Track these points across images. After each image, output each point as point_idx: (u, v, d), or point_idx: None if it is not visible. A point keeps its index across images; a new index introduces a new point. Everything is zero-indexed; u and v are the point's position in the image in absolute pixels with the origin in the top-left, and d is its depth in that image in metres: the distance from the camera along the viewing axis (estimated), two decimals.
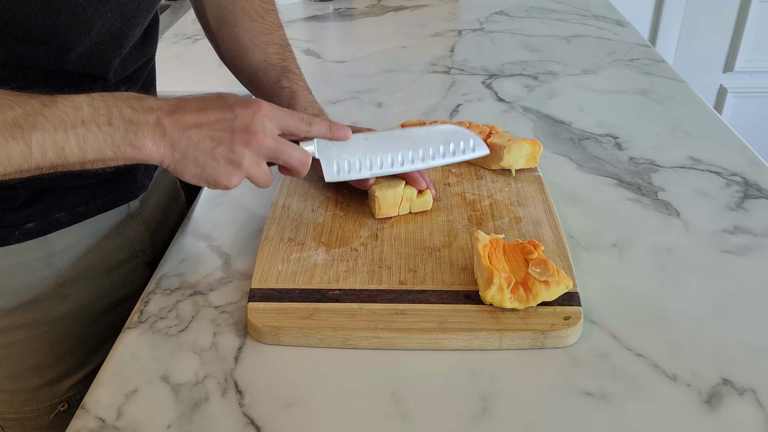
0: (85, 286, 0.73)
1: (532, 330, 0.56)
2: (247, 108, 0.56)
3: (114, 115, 0.52)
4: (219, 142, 0.55)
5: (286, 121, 0.59)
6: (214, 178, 0.56)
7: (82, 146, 0.51)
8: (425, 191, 0.72)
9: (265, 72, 0.79)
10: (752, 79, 2.20)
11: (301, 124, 0.60)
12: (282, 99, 0.77)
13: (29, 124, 0.49)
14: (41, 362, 0.72)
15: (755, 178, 0.81)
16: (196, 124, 0.55)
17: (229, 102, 0.56)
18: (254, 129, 0.56)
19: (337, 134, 0.63)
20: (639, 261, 0.67)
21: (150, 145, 0.53)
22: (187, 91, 1.16)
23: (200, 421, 0.51)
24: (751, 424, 0.50)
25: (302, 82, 0.80)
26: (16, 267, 0.67)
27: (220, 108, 0.56)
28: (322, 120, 0.62)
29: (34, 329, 0.70)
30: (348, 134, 0.64)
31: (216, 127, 0.55)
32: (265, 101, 0.58)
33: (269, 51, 0.80)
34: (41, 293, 0.69)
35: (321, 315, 0.58)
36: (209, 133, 0.55)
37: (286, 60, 0.80)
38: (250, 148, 0.56)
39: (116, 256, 0.76)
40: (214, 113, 0.56)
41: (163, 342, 0.59)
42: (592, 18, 1.48)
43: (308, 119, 0.61)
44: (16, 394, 0.72)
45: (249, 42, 0.79)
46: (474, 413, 0.51)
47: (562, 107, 1.03)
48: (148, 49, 0.73)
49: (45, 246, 0.68)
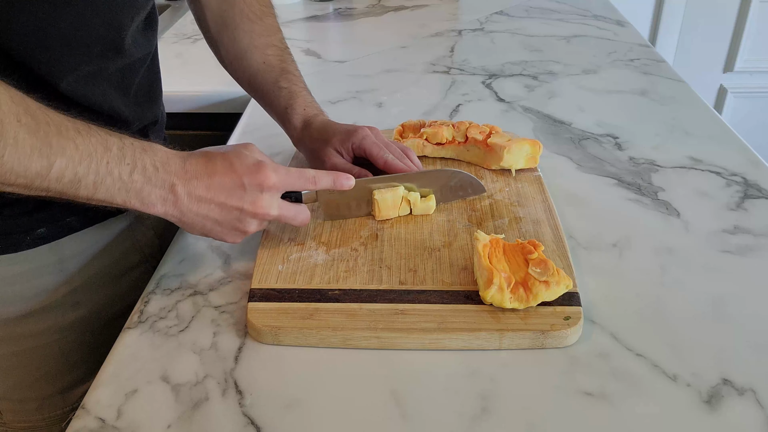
0: (96, 292, 0.72)
1: (532, 330, 0.56)
2: (256, 181, 0.58)
3: (137, 168, 0.54)
4: (226, 219, 0.59)
5: (292, 184, 0.61)
6: (219, 239, 0.61)
7: (97, 185, 0.52)
8: (429, 196, 0.72)
9: (263, 74, 0.79)
10: (752, 79, 2.20)
11: (307, 183, 0.63)
12: (280, 99, 0.78)
13: (59, 146, 0.49)
14: (53, 370, 0.71)
15: (755, 178, 0.81)
16: (206, 199, 0.57)
17: (238, 173, 0.58)
18: (261, 206, 0.59)
19: (342, 184, 0.65)
20: (639, 261, 0.67)
21: (159, 208, 0.56)
22: (187, 91, 1.17)
23: (200, 421, 0.51)
24: (751, 424, 0.50)
25: (301, 83, 0.80)
26: (27, 274, 0.67)
27: (231, 183, 0.58)
28: (326, 174, 0.64)
29: (45, 337, 0.70)
30: (351, 183, 0.65)
31: (225, 207, 0.58)
32: (271, 168, 0.59)
33: (268, 53, 0.80)
34: (53, 300, 0.69)
35: (321, 315, 0.58)
36: (218, 211, 0.58)
37: (285, 61, 0.81)
38: (256, 221, 0.60)
39: (126, 260, 0.76)
40: (225, 191, 0.57)
41: (163, 342, 0.59)
42: (592, 18, 1.48)
43: (313, 179, 0.63)
44: (27, 402, 0.72)
45: (248, 44, 0.79)
46: (474, 413, 0.51)
47: (562, 107, 1.03)
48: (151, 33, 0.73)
49: (56, 252, 0.67)
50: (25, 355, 0.70)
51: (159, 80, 0.77)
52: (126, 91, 0.67)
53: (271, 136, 0.89)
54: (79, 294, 0.71)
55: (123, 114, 0.67)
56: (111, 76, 0.64)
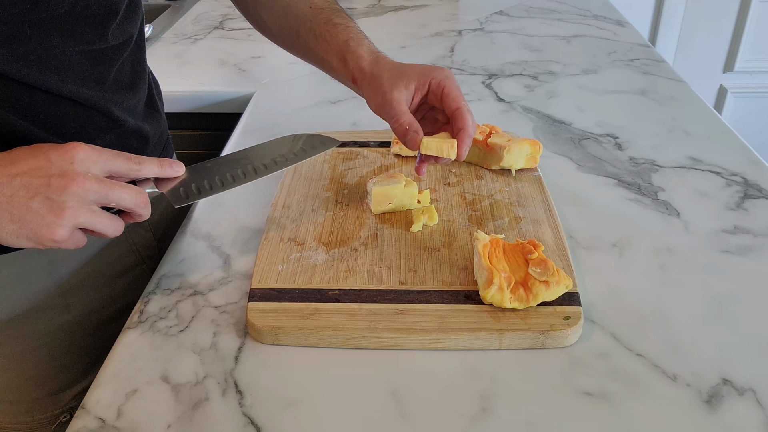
0: (87, 295, 0.72)
1: (532, 330, 0.56)
2: (64, 152, 0.51)
3: None
4: (35, 191, 0.49)
5: (111, 162, 0.54)
6: (36, 232, 0.50)
7: None
8: (423, 192, 0.72)
9: (312, 18, 0.72)
10: (752, 79, 2.20)
11: (130, 163, 0.55)
12: (338, 35, 0.70)
13: None
14: (43, 372, 0.71)
15: (755, 178, 0.81)
16: (6, 174, 0.49)
17: (43, 150, 0.51)
18: (73, 172, 0.51)
19: (169, 170, 0.58)
20: (639, 261, 0.67)
21: None
22: (187, 91, 1.17)
23: (200, 421, 0.51)
24: (751, 424, 0.50)
25: (354, 22, 0.73)
26: (17, 276, 0.66)
27: (33, 157, 0.50)
28: (151, 158, 0.57)
29: (35, 339, 0.69)
30: (180, 169, 0.59)
31: (29, 176, 0.50)
32: (85, 144, 0.52)
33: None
34: (43, 303, 0.68)
35: (321, 315, 0.58)
36: (22, 182, 0.49)
37: (332, 2, 0.75)
38: (72, 193, 0.50)
39: (122, 263, 0.75)
40: (27, 163, 0.50)
41: (163, 342, 0.59)
42: (592, 18, 1.48)
43: (137, 158, 0.55)
44: (17, 404, 0.72)
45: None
46: (474, 413, 0.51)
47: (562, 107, 1.03)
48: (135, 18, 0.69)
49: (46, 254, 0.67)
50: (14, 357, 0.69)
51: (143, 69, 0.72)
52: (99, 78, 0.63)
53: (271, 136, 0.89)
54: (71, 296, 0.70)
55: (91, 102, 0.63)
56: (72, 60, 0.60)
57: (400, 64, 0.67)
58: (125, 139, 0.67)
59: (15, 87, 0.55)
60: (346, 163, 0.84)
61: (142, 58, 0.70)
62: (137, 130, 0.69)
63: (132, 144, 0.69)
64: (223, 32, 1.46)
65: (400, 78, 0.65)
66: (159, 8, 1.64)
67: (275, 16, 0.76)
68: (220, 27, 1.50)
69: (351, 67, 0.69)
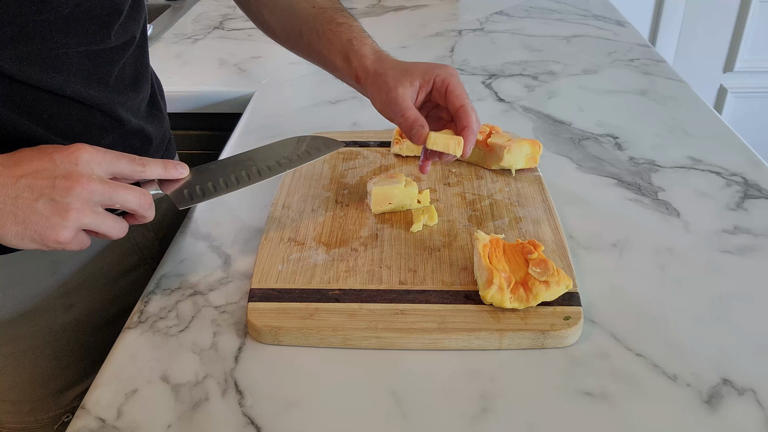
0: (90, 294, 0.72)
1: (532, 330, 0.56)
2: (68, 153, 0.51)
3: None
4: (40, 193, 0.50)
5: (115, 164, 0.54)
6: (40, 234, 0.50)
7: None
8: (423, 192, 0.72)
9: (315, 18, 0.72)
10: (752, 79, 2.20)
11: (134, 164, 0.55)
12: (341, 34, 0.70)
13: None
14: (45, 372, 0.71)
15: (755, 178, 0.81)
16: (11, 176, 0.49)
17: (47, 151, 0.51)
18: (78, 173, 0.51)
19: (173, 172, 0.59)
20: (639, 261, 0.67)
21: None
22: (187, 91, 1.17)
23: (200, 421, 0.51)
24: (751, 424, 0.50)
25: (358, 22, 0.73)
26: (19, 276, 0.66)
27: (38, 158, 0.51)
28: (155, 160, 0.58)
29: (38, 339, 0.69)
30: (184, 171, 0.60)
31: (34, 177, 0.50)
32: (89, 146, 0.52)
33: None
34: (45, 302, 0.68)
35: (321, 315, 0.58)
36: (27, 183, 0.49)
37: (335, 2, 0.75)
38: (76, 194, 0.50)
39: (124, 262, 0.75)
40: (32, 164, 0.50)
41: (163, 342, 0.59)
42: (592, 18, 1.48)
43: (141, 160, 0.56)
44: (20, 404, 0.72)
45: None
46: (474, 413, 0.51)
47: (562, 107, 1.03)
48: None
49: (49, 254, 0.67)
50: (17, 357, 0.69)
51: (146, 69, 0.72)
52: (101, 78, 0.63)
53: (271, 136, 0.89)
54: (73, 296, 0.70)
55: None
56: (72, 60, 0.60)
57: (404, 62, 0.68)
58: (128, 139, 0.67)
59: (18, 87, 0.55)
60: (346, 163, 0.84)
61: (144, 58, 0.70)
62: (140, 130, 0.69)
63: (135, 144, 0.69)
64: (223, 32, 1.46)
65: (404, 75, 0.65)
66: (159, 8, 1.64)
67: (278, 16, 0.76)
68: (220, 27, 1.50)
69: (354, 66, 0.69)
